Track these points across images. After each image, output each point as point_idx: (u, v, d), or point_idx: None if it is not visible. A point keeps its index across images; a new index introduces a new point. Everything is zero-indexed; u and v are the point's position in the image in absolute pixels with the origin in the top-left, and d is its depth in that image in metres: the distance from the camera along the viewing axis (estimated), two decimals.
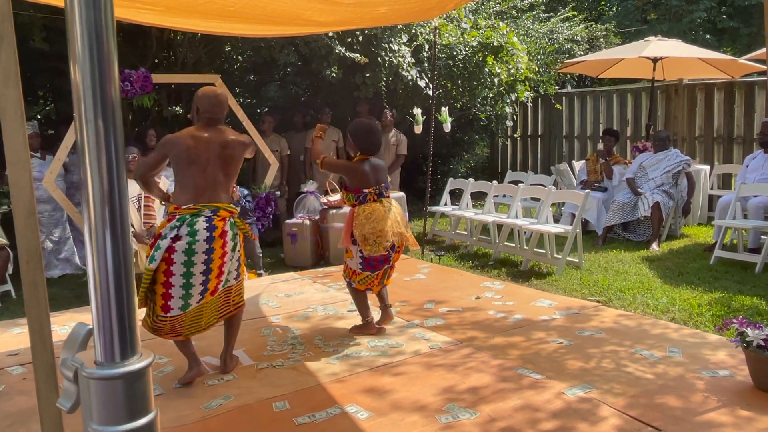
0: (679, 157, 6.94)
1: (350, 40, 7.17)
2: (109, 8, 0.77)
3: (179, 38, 7.34)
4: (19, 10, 5.16)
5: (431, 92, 6.92)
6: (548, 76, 10.21)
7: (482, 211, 6.90)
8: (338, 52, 6.97)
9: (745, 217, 6.07)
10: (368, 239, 3.75)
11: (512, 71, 8.66)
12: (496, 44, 8.32)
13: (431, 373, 3.38)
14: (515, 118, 10.75)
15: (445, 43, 8.26)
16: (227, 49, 8.39)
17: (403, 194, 6.93)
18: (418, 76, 7.79)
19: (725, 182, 8.42)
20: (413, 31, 7.84)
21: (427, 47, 7.98)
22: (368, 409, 2.96)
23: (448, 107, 7.31)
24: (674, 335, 3.87)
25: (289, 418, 2.90)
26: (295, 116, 7.99)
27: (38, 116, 8.51)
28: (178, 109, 7.42)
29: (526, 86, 9.33)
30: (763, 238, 5.93)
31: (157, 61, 7.49)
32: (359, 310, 4.07)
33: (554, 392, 3.08)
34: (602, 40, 11.98)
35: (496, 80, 8.49)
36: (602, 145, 7.79)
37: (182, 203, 3.23)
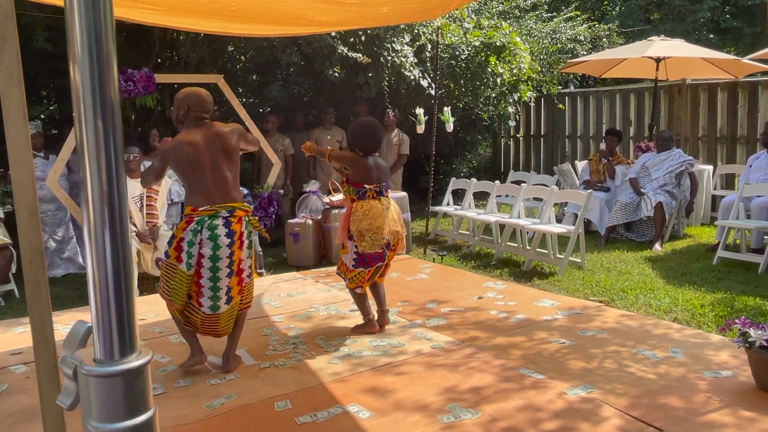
0: (682, 157, 6.92)
1: (353, 40, 7.17)
2: (108, 9, 0.78)
3: (182, 38, 7.35)
4: (22, 10, 5.18)
5: (434, 92, 6.91)
6: (551, 76, 10.20)
7: (485, 211, 6.90)
8: (341, 52, 6.98)
9: (748, 217, 6.06)
10: (364, 235, 3.81)
11: (515, 71, 8.65)
12: (498, 44, 8.31)
13: (433, 372, 3.38)
14: (518, 118, 10.75)
15: (447, 42, 8.25)
16: (230, 49, 8.40)
17: (405, 194, 6.93)
18: (420, 76, 7.79)
19: (728, 182, 8.40)
20: (416, 31, 7.84)
21: (429, 47, 7.97)
22: (370, 408, 2.96)
23: (450, 107, 7.30)
24: (677, 335, 3.86)
25: (290, 417, 2.90)
26: (296, 116, 8.00)
27: (42, 116, 8.54)
28: None
29: (528, 86, 9.32)
30: (766, 238, 5.92)
31: (160, 61, 7.50)
32: (360, 309, 4.09)
33: (556, 392, 3.08)
34: (605, 39, 11.95)
35: (498, 80, 8.48)
36: (604, 145, 7.78)
37: (198, 204, 3.29)
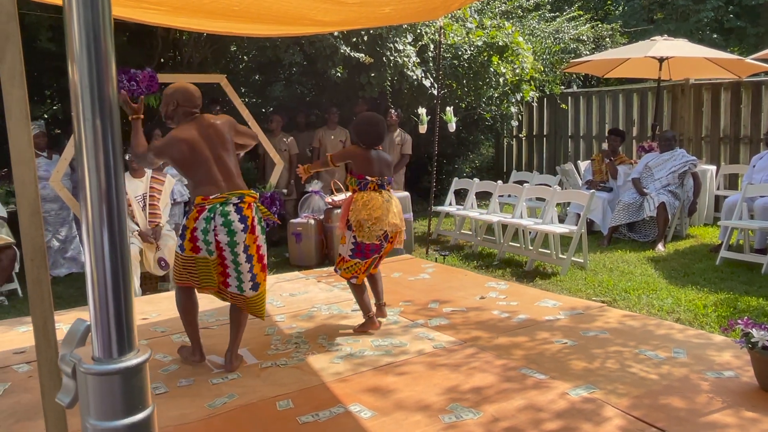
0: (685, 157, 6.91)
1: (355, 39, 7.17)
2: (106, 8, 0.78)
3: (185, 38, 7.37)
4: (26, 10, 5.19)
5: (436, 92, 6.91)
6: (554, 75, 10.19)
7: (487, 211, 6.89)
8: (343, 51, 6.98)
9: (751, 217, 6.04)
10: (363, 225, 3.86)
11: (517, 71, 8.65)
12: (501, 44, 8.31)
13: (435, 372, 3.38)
14: (520, 117, 10.74)
15: (450, 42, 8.25)
16: (233, 48, 8.41)
17: (407, 194, 6.92)
18: (423, 75, 7.79)
19: (731, 182, 8.38)
20: (418, 30, 7.84)
21: (432, 47, 7.97)
22: (372, 408, 2.96)
23: (453, 107, 7.31)
24: (679, 336, 3.85)
25: (292, 417, 2.90)
26: (298, 116, 8.01)
27: (45, 116, 8.56)
28: None
29: (531, 86, 9.32)
30: None
31: (162, 60, 7.52)
32: (360, 305, 4.11)
33: (558, 392, 3.07)
34: (608, 39, 11.95)
35: (501, 80, 8.48)
36: (607, 144, 7.77)
37: (208, 194, 3.31)
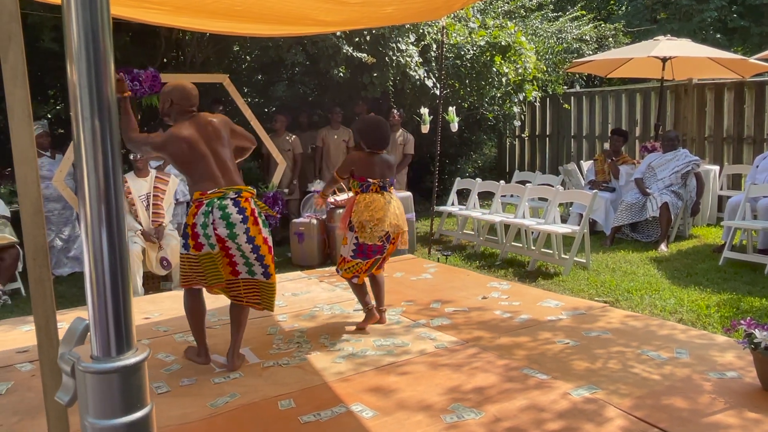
0: (688, 157, 6.89)
1: (358, 39, 7.17)
2: (105, 8, 0.78)
3: (188, 38, 7.37)
4: (29, 9, 5.20)
5: (438, 92, 6.91)
6: (557, 75, 10.18)
7: (489, 211, 6.89)
8: (346, 51, 6.98)
9: (754, 217, 6.02)
10: (365, 226, 3.89)
11: (520, 71, 8.64)
12: (504, 44, 8.30)
13: (437, 372, 3.38)
14: (523, 117, 10.73)
15: (452, 42, 8.24)
16: (235, 48, 8.42)
17: (409, 194, 6.92)
18: (425, 75, 7.78)
19: (735, 183, 8.36)
20: (421, 30, 7.84)
21: (434, 47, 7.97)
22: (373, 408, 2.96)
23: (455, 107, 7.30)
24: (682, 336, 3.84)
25: (294, 416, 2.91)
26: (300, 116, 8.02)
27: (48, 115, 8.57)
28: None
29: (534, 86, 9.30)
30: None
31: (165, 60, 7.53)
32: (360, 301, 4.16)
33: (560, 393, 3.07)
34: (611, 39, 11.93)
35: (503, 80, 8.47)
36: (609, 144, 7.75)
37: (206, 189, 3.32)
